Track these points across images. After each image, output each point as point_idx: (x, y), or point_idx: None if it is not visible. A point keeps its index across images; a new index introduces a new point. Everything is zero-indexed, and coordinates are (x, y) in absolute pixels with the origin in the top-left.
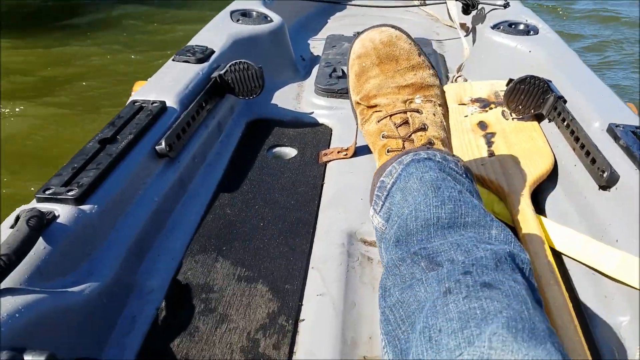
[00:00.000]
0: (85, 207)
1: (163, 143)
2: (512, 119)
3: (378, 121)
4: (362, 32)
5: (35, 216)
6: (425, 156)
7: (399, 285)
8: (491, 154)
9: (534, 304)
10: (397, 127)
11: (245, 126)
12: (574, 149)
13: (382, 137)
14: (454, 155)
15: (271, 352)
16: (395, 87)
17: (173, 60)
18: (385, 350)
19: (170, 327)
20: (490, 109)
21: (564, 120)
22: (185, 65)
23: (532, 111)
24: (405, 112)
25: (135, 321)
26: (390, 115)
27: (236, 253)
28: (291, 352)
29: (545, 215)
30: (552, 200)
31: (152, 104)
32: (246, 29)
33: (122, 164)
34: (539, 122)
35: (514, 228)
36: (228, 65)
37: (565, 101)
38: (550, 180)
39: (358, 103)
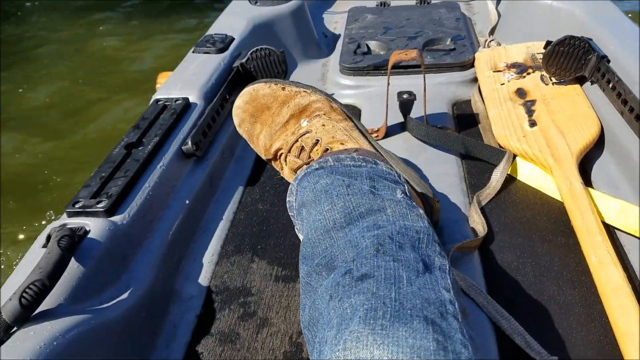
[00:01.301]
0: (116, 218)
1: (189, 142)
2: (552, 83)
3: (286, 162)
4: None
5: (66, 235)
6: (317, 166)
7: (309, 302)
8: (532, 124)
9: (412, 279)
10: (298, 157)
11: None
12: (621, 113)
13: (294, 172)
14: (348, 150)
15: None
16: (280, 128)
17: (193, 52)
18: None
19: (212, 334)
20: (528, 74)
21: (608, 81)
22: (206, 57)
23: (574, 74)
24: (297, 140)
25: (176, 330)
26: (289, 151)
27: (272, 251)
28: None
29: (593, 187)
30: (600, 170)
31: (176, 101)
32: (265, 11)
33: (150, 169)
34: (581, 85)
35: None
36: (249, 53)
37: (609, 61)
38: (597, 148)
39: (268, 160)
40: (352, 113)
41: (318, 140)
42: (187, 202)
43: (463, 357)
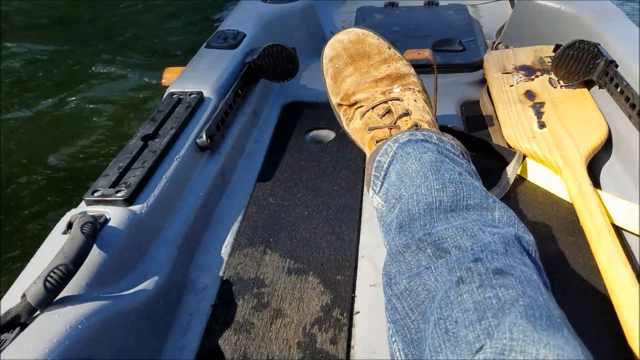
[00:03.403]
0: (135, 208)
1: (204, 136)
2: (561, 86)
3: (362, 116)
4: (329, 38)
5: (89, 222)
6: (422, 137)
7: (405, 273)
8: (542, 125)
9: (545, 289)
10: (381, 117)
11: (281, 111)
12: (629, 117)
13: (369, 130)
14: (446, 134)
15: (329, 347)
16: (372, 81)
17: (206, 47)
18: (394, 340)
19: (226, 324)
20: (536, 76)
21: (617, 86)
22: (218, 52)
23: (582, 77)
24: (386, 102)
25: (191, 319)
26: (373, 107)
27: (283, 245)
28: (349, 346)
29: (601, 189)
30: (608, 172)
31: (190, 95)
32: (276, 8)
33: (166, 160)
34: (589, 89)
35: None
36: (261, 49)
37: (616, 65)
38: (604, 150)
39: (340, 104)
40: None
41: (408, 112)
42: (202, 194)
43: None
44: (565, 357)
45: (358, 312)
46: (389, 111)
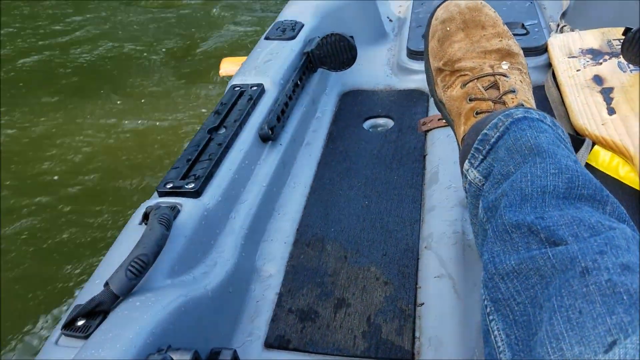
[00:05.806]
0: (205, 199)
1: (266, 127)
2: (631, 70)
3: (463, 85)
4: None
5: (165, 214)
6: (537, 116)
7: (513, 254)
8: (612, 112)
9: None
10: (485, 90)
11: (339, 99)
12: None
13: (469, 100)
14: (555, 119)
15: (394, 337)
16: (481, 52)
17: (265, 39)
18: (492, 318)
19: (291, 312)
20: (605, 60)
21: None
22: (277, 44)
23: None
24: (493, 75)
25: (259, 307)
26: (478, 78)
27: (344, 234)
28: (414, 337)
29: None
30: None
31: (251, 87)
32: None
33: (232, 152)
34: None
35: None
36: (319, 39)
37: None
38: None
39: (440, 69)
40: None
41: (514, 90)
42: (264, 185)
43: None
44: None
45: (422, 304)
46: (494, 85)
